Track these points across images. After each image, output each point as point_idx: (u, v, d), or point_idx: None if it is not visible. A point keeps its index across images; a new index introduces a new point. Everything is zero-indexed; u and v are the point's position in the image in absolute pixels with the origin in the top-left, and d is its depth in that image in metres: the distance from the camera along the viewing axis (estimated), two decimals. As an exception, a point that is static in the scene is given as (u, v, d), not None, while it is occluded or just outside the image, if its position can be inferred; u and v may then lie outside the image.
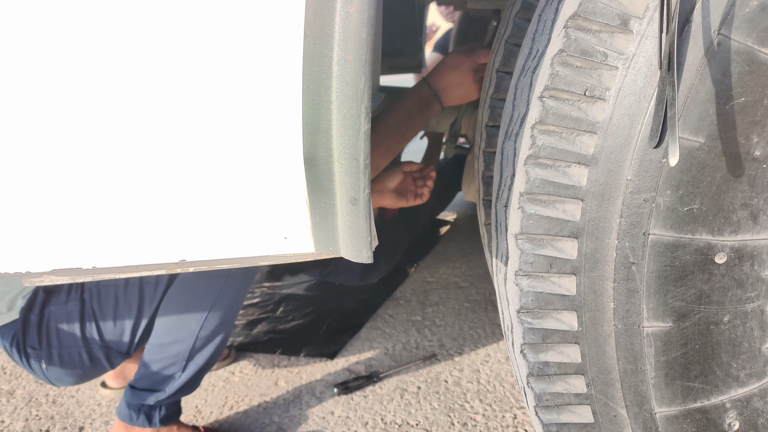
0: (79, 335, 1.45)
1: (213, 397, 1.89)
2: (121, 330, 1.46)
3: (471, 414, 1.71)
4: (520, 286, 0.79)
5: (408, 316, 2.34)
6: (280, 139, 0.70)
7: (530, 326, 0.80)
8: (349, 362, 2.05)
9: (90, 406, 1.88)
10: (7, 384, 2.03)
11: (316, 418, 1.74)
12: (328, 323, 2.33)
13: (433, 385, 1.87)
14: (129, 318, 1.44)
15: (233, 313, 1.51)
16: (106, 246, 0.76)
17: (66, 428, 1.77)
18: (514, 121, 0.83)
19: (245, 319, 2.41)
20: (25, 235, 0.76)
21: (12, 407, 1.89)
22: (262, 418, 1.77)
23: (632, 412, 0.80)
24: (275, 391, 1.90)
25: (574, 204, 0.76)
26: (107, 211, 0.75)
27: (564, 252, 0.78)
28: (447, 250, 3.02)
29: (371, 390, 1.87)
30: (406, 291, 2.58)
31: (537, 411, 0.84)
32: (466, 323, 2.25)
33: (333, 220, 0.72)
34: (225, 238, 0.75)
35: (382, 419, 1.72)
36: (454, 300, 2.46)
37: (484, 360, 1.99)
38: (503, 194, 0.85)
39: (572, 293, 0.78)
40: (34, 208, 0.75)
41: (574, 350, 0.80)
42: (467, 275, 2.69)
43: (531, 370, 0.82)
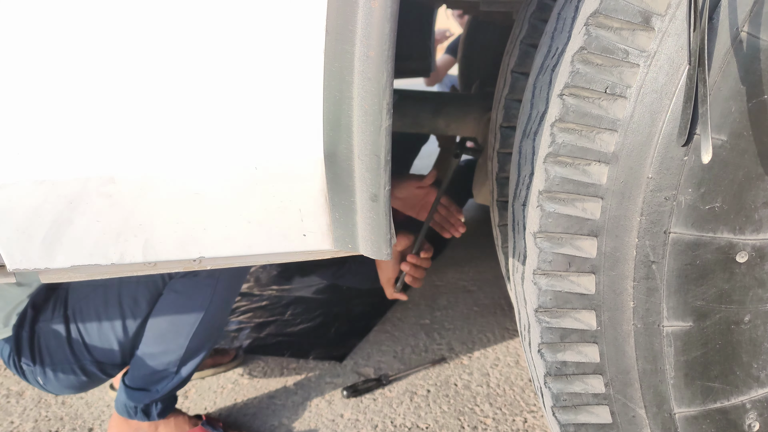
0: (68, 352, 1.45)
1: (222, 399, 1.89)
2: (109, 346, 1.46)
3: (481, 417, 1.71)
4: (539, 284, 0.79)
5: (417, 320, 2.33)
6: (300, 136, 0.70)
7: (548, 325, 0.80)
8: (358, 365, 2.04)
9: (99, 407, 1.88)
10: (17, 385, 2.03)
11: (325, 420, 1.74)
12: (337, 326, 2.33)
13: (443, 388, 1.86)
14: (114, 335, 1.44)
15: (221, 322, 1.53)
16: (123, 243, 0.76)
17: (75, 429, 1.77)
18: (532, 120, 0.83)
19: (254, 321, 2.41)
20: (45, 232, 0.76)
21: (21, 408, 1.89)
22: (271, 421, 1.76)
23: (651, 412, 0.80)
24: (284, 394, 1.90)
25: (594, 202, 0.75)
26: (125, 208, 0.75)
27: (583, 250, 0.77)
28: (455, 254, 3.02)
29: (380, 393, 1.86)
30: (414, 294, 2.57)
31: (554, 411, 0.83)
32: (475, 327, 2.25)
33: (352, 217, 0.72)
34: (243, 236, 0.75)
35: (391, 422, 1.71)
36: (462, 304, 2.45)
37: (494, 363, 1.98)
38: (521, 193, 0.84)
39: (591, 292, 0.78)
40: (53, 205, 0.75)
41: (592, 350, 0.80)
42: (476, 279, 2.68)
43: (548, 369, 0.82)
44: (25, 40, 0.68)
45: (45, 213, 0.76)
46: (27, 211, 0.76)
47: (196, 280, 1.40)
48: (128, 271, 0.80)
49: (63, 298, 1.44)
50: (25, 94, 0.70)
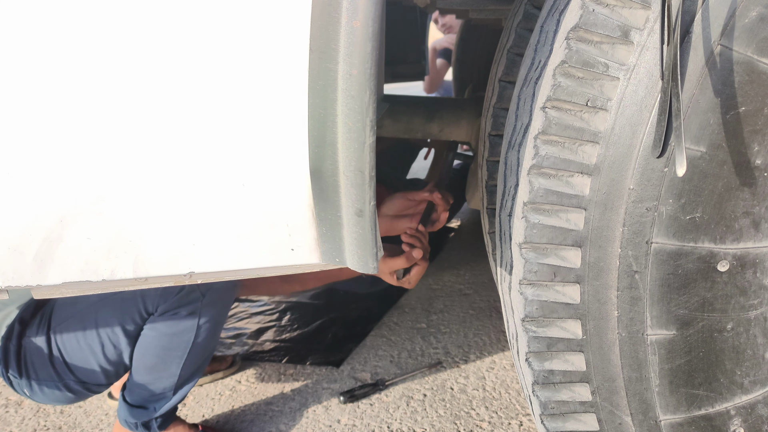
0: (51, 370, 1.45)
1: (220, 406, 1.90)
2: (91, 368, 1.46)
3: (477, 421, 1.72)
4: (525, 294, 0.80)
5: (413, 324, 2.34)
6: (286, 152, 0.71)
7: (535, 335, 0.81)
8: (355, 370, 2.05)
9: (98, 416, 1.89)
10: (15, 395, 2.04)
11: (322, 426, 1.75)
12: (334, 331, 2.33)
13: (439, 392, 1.87)
14: (95, 359, 1.44)
15: (212, 348, 1.53)
16: (114, 259, 0.77)
17: (74, 438, 1.78)
18: (517, 131, 0.84)
19: (251, 327, 2.41)
20: (36, 249, 0.77)
21: (20, 417, 1.89)
22: (268, 427, 1.77)
23: (637, 419, 0.81)
24: (282, 400, 1.91)
25: (578, 213, 0.76)
26: (116, 224, 0.76)
27: (568, 261, 0.78)
28: (451, 258, 3.02)
29: (377, 398, 1.87)
30: (410, 298, 2.58)
31: (542, 419, 0.84)
32: (471, 330, 2.25)
33: (339, 232, 0.73)
34: (233, 250, 0.76)
35: (388, 427, 1.72)
36: (458, 307, 2.46)
37: (490, 367, 2.00)
38: (507, 204, 0.86)
39: (576, 302, 0.79)
40: (44, 222, 0.76)
41: (578, 358, 0.81)
42: (471, 283, 2.69)
43: (536, 378, 0.83)
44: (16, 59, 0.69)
45: (36, 231, 0.77)
46: (18, 228, 0.77)
47: (178, 316, 1.40)
48: (120, 287, 0.81)
49: (48, 317, 1.45)
50: (14, 110, 0.71)
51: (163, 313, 1.39)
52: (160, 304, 1.37)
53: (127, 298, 1.38)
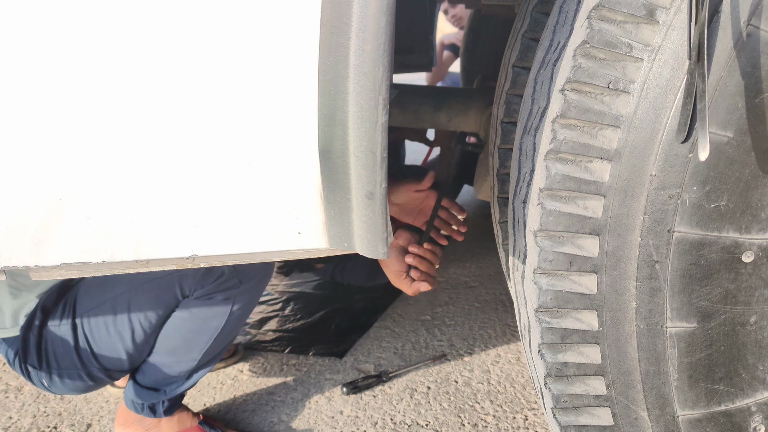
0: (76, 359, 1.43)
1: (221, 395, 1.88)
2: (117, 356, 1.43)
3: (481, 415, 1.69)
4: (539, 284, 0.77)
5: (417, 316, 2.32)
6: (294, 132, 0.68)
7: (549, 326, 0.78)
8: (359, 361, 2.03)
9: (98, 403, 1.87)
10: (16, 380, 2.02)
11: (324, 417, 1.73)
12: (337, 322, 2.31)
13: (443, 385, 1.85)
14: (123, 346, 1.42)
15: (234, 335, 1.51)
16: (114, 240, 0.75)
17: (74, 425, 1.76)
18: (533, 116, 0.81)
19: (254, 317, 2.39)
20: (34, 229, 0.75)
21: (20, 403, 1.88)
22: (270, 417, 1.75)
23: (654, 415, 0.78)
24: (284, 390, 1.89)
25: (596, 200, 0.73)
26: (116, 204, 0.74)
27: (585, 249, 0.75)
28: (456, 250, 3.00)
29: (380, 389, 1.85)
30: (415, 290, 2.55)
31: (554, 413, 0.82)
32: (476, 323, 2.23)
33: (348, 215, 0.70)
34: (237, 233, 0.74)
35: (391, 419, 1.70)
36: (464, 300, 2.43)
37: (495, 360, 1.97)
38: (521, 191, 0.83)
39: (593, 292, 0.76)
40: (42, 201, 0.74)
41: (594, 351, 0.78)
42: (477, 275, 2.67)
43: (549, 370, 0.80)
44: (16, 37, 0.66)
45: (35, 210, 0.74)
46: (16, 208, 0.74)
47: (212, 301, 1.38)
48: (120, 269, 0.79)
49: (72, 305, 1.42)
50: (13, 87, 0.68)
51: (198, 297, 1.37)
52: (197, 289, 1.36)
53: (164, 284, 1.36)
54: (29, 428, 1.75)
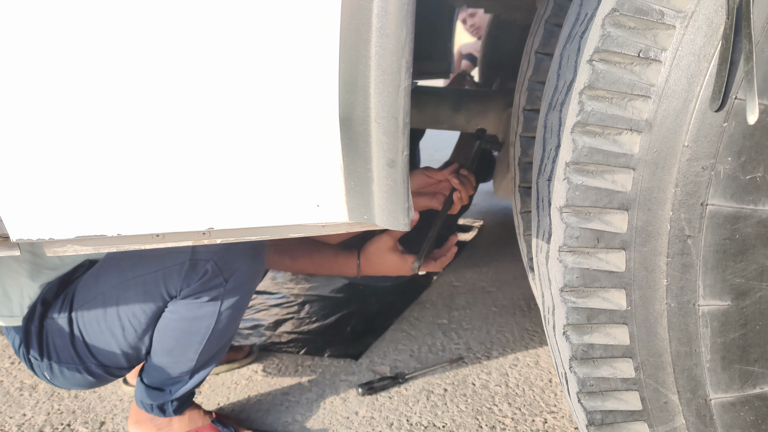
0: (73, 353, 1.41)
1: (236, 395, 1.86)
2: (112, 352, 1.41)
3: (499, 417, 1.66)
4: (564, 262, 0.75)
5: (434, 319, 2.29)
6: (315, 100, 0.66)
7: (574, 305, 0.75)
8: (374, 363, 2.00)
9: (112, 401, 1.85)
10: (30, 378, 2.01)
11: (339, 417, 1.70)
12: (353, 325, 2.29)
13: (460, 387, 1.82)
14: (116, 343, 1.40)
15: (230, 335, 1.48)
16: (130, 212, 0.73)
17: (87, 423, 1.74)
18: (559, 91, 0.79)
19: (268, 319, 2.37)
20: (49, 201, 0.74)
21: (34, 401, 1.87)
22: (284, 417, 1.73)
23: (685, 398, 0.75)
24: (299, 391, 1.86)
25: (625, 173, 0.71)
26: (132, 176, 0.72)
27: (613, 225, 0.73)
28: (473, 256, 2.97)
29: (396, 391, 1.82)
30: (431, 294, 2.53)
31: (579, 397, 0.79)
32: (494, 327, 2.20)
33: (368, 186, 0.68)
34: (254, 206, 0.72)
35: (407, 420, 1.67)
36: (481, 304, 2.40)
37: (513, 364, 1.93)
38: (546, 168, 0.80)
39: (621, 270, 0.73)
40: (59, 172, 0.73)
41: (621, 331, 0.75)
42: (495, 280, 2.63)
43: (574, 353, 0.77)
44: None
45: (48, 182, 0.73)
46: (29, 180, 0.73)
47: (199, 301, 1.35)
48: (135, 244, 0.77)
49: (70, 298, 1.41)
50: (31, 51, 0.67)
51: (185, 297, 1.35)
52: (183, 288, 1.33)
53: (149, 281, 1.34)
54: (42, 425, 1.74)
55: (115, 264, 1.38)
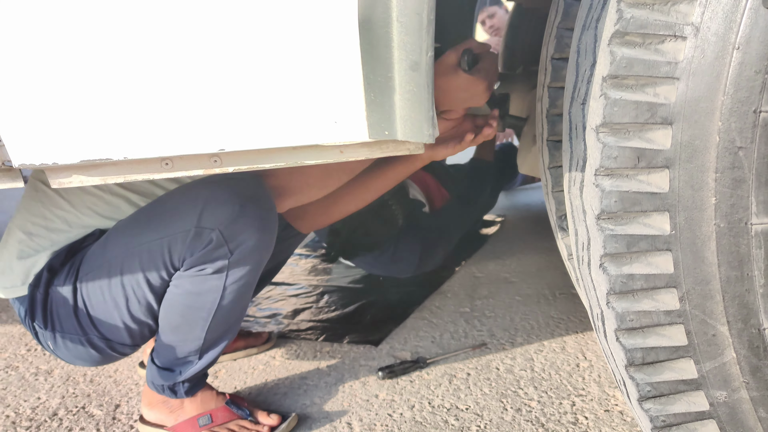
0: (76, 323, 1.37)
1: (252, 379, 1.82)
2: (115, 324, 1.37)
3: (525, 400, 1.59)
4: (602, 186, 0.69)
5: (456, 308, 2.23)
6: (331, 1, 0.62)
7: (612, 233, 0.70)
8: (395, 349, 1.95)
9: (127, 385, 1.82)
10: (46, 364, 2.00)
11: (359, 400, 1.65)
12: (373, 313, 2.24)
13: (484, 372, 1.76)
14: (119, 315, 1.36)
15: (239, 313, 1.43)
16: (137, 132, 0.69)
17: (102, 405, 1.71)
18: (594, 7, 0.74)
19: (287, 308, 2.33)
20: (53, 123, 0.70)
21: (49, 385, 1.85)
22: (302, 400, 1.68)
23: (735, 328, 0.68)
24: (317, 375, 1.81)
25: (668, 85, 0.65)
26: (138, 92, 0.68)
27: (655, 142, 0.67)
28: (495, 249, 2.91)
29: (417, 375, 1.76)
30: (453, 285, 2.47)
31: (618, 335, 0.73)
32: (518, 315, 2.13)
33: (390, 96, 0.64)
34: (267, 123, 0.67)
35: (429, 403, 1.61)
36: (504, 293, 2.34)
37: (538, 350, 1.87)
38: (580, 91, 0.75)
39: (664, 190, 0.67)
40: (62, 91, 0.69)
41: (665, 259, 0.69)
42: (518, 272, 2.57)
43: (612, 286, 0.71)
44: None
45: (51, 103, 0.69)
46: (32, 101, 0.69)
47: (204, 274, 1.31)
48: (143, 172, 0.73)
49: (77, 266, 1.37)
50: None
51: (189, 268, 1.30)
52: (186, 257, 1.28)
53: (154, 249, 1.29)
54: (57, 408, 1.71)
55: (122, 232, 1.35)
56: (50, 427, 1.62)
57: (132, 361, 1.98)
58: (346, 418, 1.57)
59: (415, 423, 1.53)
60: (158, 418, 1.55)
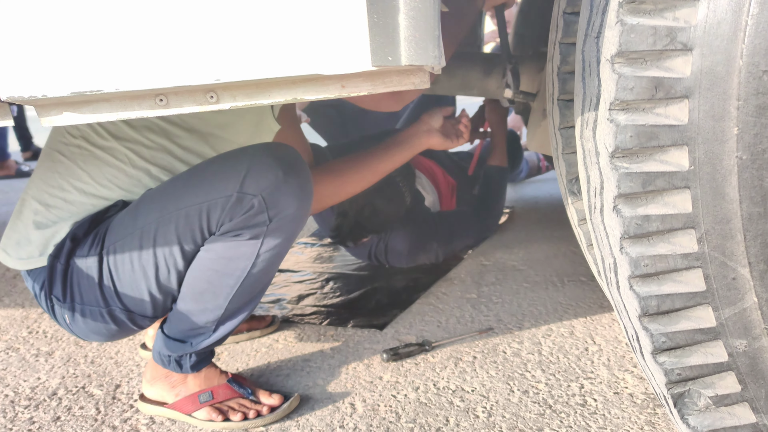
0: (99, 295, 1.35)
1: (255, 361, 1.79)
2: (140, 296, 1.35)
3: (532, 383, 1.56)
4: (617, 121, 0.65)
5: (462, 294, 2.20)
6: None
7: (627, 171, 0.66)
8: (399, 333, 1.91)
9: (129, 366, 1.80)
10: (47, 346, 1.98)
11: (363, 382, 1.61)
12: (378, 299, 2.21)
13: (490, 355, 1.72)
14: (146, 284, 1.33)
15: (264, 284, 1.41)
16: (129, 61, 0.66)
17: (102, 385, 1.69)
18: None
19: (291, 293, 2.31)
20: (41, 51, 0.67)
21: (50, 366, 1.82)
22: (305, 381, 1.65)
23: (757, 270, 0.64)
24: (320, 357, 1.78)
25: (688, 7, 0.62)
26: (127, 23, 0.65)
27: (673, 70, 0.63)
28: (503, 238, 2.87)
29: (422, 358, 1.73)
30: (460, 272, 2.44)
31: (631, 283, 0.69)
32: (525, 301, 2.10)
33: (393, 17, 0.60)
34: (264, 52, 0.64)
35: (434, 384, 1.58)
36: (511, 280, 2.30)
37: (546, 334, 1.83)
38: (594, 25, 0.71)
39: (683, 122, 0.64)
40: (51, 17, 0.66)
41: (683, 198, 0.65)
42: (525, 260, 2.53)
43: (626, 229, 0.67)
44: None
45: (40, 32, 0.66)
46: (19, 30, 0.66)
47: (239, 239, 1.29)
48: (137, 108, 0.70)
49: (102, 236, 1.35)
50: None
51: (225, 233, 1.28)
52: (224, 222, 1.26)
53: (192, 214, 1.27)
54: (56, 388, 1.69)
55: (157, 199, 1.33)
56: (49, 406, 1.59)
57: (134, 343, 1.95)
58: (349, 399, 1.54)
59: (420, 404, 1.49)
60: (159, 394, 1.52)
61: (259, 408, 1.47)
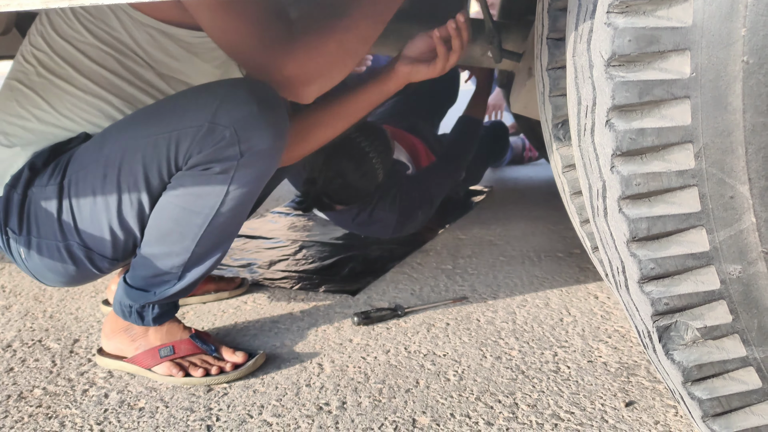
0: (56, 227, 1.28)
1: (221, 321, 1.73)
2: (100, 232, 1.28)
3: (506, 349, 1.52)
4: (614, 24, 0.60)
5: (438, 265, 2.16)
6: None
7: (623, 80, 0.61)
8: (372, 299, 1.87)
9: (89, 322, 1.74)
10: (5, 300, 1.91)
11: (332, 344, 1.57)
12: (352, 266, 2.16)
13: (464, 322, 1.68)
14: (107, 218, 1.27)
15: (234, 228, 1.35)
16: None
17: (60, 339, 1.62)
18: None
19: (262, 258, 2.25)
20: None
21: (6, 320, 1.76)
22: (272, 341, 1.60)
23: (758, 187, 0.60)
24: (289, 320, 1.73)
25: None
26: None
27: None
28: (481, 215, 2.84)
29: (394, 323, 1.68)
30: (436, 244, 2.40)
31: (621, 205, 0.64)
32: (501, 273, 2.06)
33: None
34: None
35: (405, 348, 1.53)
36: (488, 254, 2.27)
37: (521, 304, 1.80)
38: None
39: (687, 24, 0.59)
40: None
41: (681, 109, 0.61)
42: (503, 235, 2.50)
43: (619, 143, 0.62)
44: None
45: None
46: None
47: (208, 174, 1.22)
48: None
49: (63, 166, 1.27)
50: None
51: (193, 166, 1.22)
52: (194, 154, 1.20)
53: (161, 143, 1.20)
54: (11, 341, 1.63)
55: (125, 127, 1.26)
56: (2, 358, 1.53)
57: (96, 300, 1.89)
58: (317, 359, 1.49)
59: (390, 366, 1.45)
60: (118, 348, 1.46)
61: (222, 365, 1.41)
